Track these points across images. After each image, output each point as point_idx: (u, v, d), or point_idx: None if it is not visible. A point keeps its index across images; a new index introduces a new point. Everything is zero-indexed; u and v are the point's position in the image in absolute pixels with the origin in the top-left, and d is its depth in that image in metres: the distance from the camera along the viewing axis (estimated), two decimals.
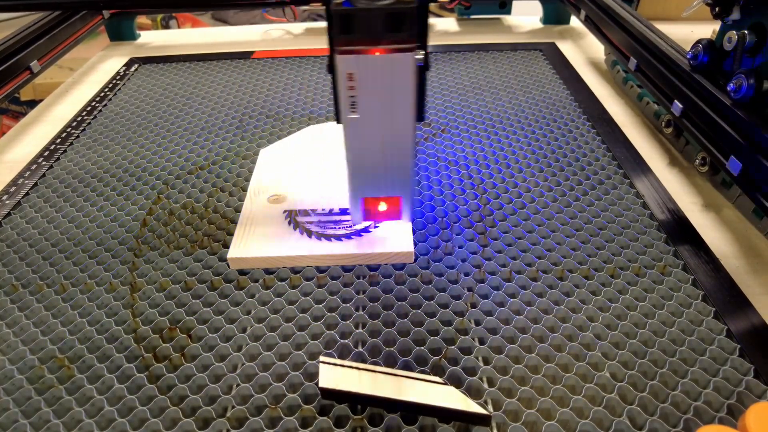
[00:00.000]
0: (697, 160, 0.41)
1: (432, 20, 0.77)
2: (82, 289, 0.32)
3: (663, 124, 0.47)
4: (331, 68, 0.27)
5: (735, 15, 0.36)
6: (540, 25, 0.74)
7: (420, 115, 0.29)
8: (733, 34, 0.36)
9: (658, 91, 0.45)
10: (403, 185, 0.31)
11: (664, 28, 0.48)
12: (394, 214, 0.33)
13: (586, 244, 0.35)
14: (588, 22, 0.60)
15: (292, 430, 0.25)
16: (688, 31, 0.41)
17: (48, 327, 0.30)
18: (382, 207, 0.33)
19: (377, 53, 0.25)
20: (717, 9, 0.37)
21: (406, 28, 0.24)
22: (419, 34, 0.26)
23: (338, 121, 0.29)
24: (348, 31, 0.24)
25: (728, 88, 0.36)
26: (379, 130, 0.28)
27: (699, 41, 0.39)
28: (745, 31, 0.35)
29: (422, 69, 0.27)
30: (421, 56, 0.27)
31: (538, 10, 0.75)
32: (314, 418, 0.25)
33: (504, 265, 0.33)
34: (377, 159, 0.30)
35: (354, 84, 0.26)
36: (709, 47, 0.39)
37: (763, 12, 0.34)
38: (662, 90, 0.44)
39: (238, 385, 0.27)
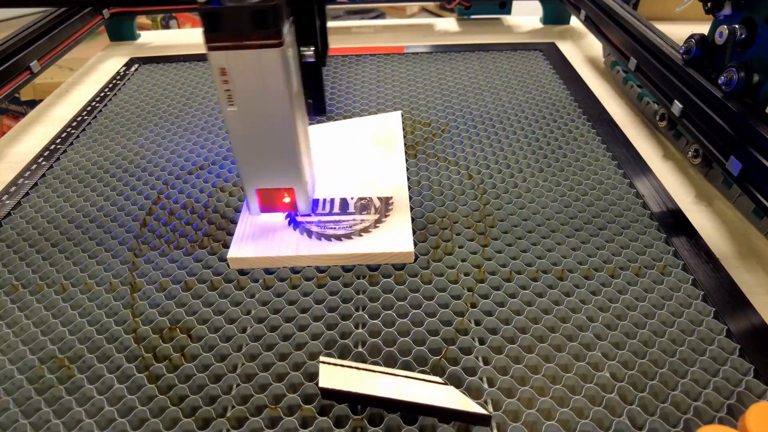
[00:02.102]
0: (690, 153, 0.42)
1: (432, 20, 0.77)
2: (82, 289, 0.32)
3: (657, 117, 0.47)
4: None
5: (726, 10, 0.37)
6: (540, 25, 0.74)
7: (320, 110, 0.31)
8: (725, 29, 0.37)
9: (658, 91, 0.45)
10: (294, 176, 0.32)
11: (664, 28, 0.48)
12: (291, 206, 0.34)
13: (586, 244, 0.35)
14: (588, 22, 0.60)
15: (292, 430, 0.25)
16: (688, 31, 0.41)
17: (48, 327, 0.30)
18: (286, 199, 0.34)
19: (245, 49, 0.27)
20: (709, 4, 0.38)
21: (271, 24, 0.26)
22: (307, 32, 0.27)
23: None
24: (217, 28, 0.26)
25: (720, 82, 0.36)
26: (258, 122, 0.30)
27: (692, 36, 0.40)
28: (736, 26, 0.36)
29: (315, 65, 0.28)
30: (311, 52, 0.29)
31: (538, 10, 0.75)
32: (314, 418, 0.25)
33: (504, 265, 0.33)
34: (262, 151, 0.31)
35: (227, 78, 0.28)
36: (702, 42, 0.39)
37: (754, 7, 0.35)
38: (662, 90, 0.44)
39: (238, 385, 0.27)
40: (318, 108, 0.31)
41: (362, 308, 0.31)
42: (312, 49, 0.28)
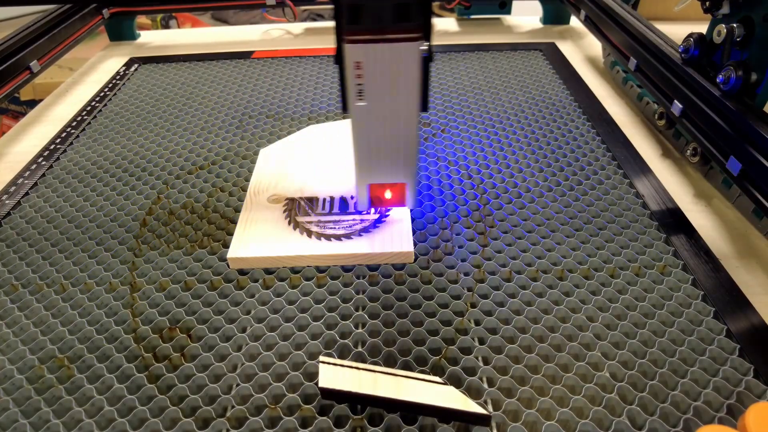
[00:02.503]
0: (688, 151, 0.42)
1: (432, 20, 0.77)
2: (82, 289, 0.32)
3: (656, 116, 0.47)
4: (338, 59, 0.28)
5: (725, 9, 0.37)
6: (540, 25, 0.74)
7: (424, 106, 0.30)
8: (722, 28, 0.37)
9: (658, 91, 0.45)
10: (408, 172, 0.32)
11: (664, 28, 0.48)
12: (399, 201, 0.34)
13: (586, 244, 0.35)
14: (588, 22, 0.60)
15: (292, 430, 0.25)
16: (688, 31, 0.41)
17: (48, 327, 0.30)
18: (388, 194, 0.34)
19: (384, 42, 0.26)
20: (707, 3, 0.38)
21: (413, 17, 0.25)
22: (424, 25, 0.26)
23: (344, 109, 0.30)
24: (356, 21, 0.25)
25: (718, 80, 0.37)
26: (385, 117, 0.29)
27: (690, 35, 0.40)
28: (734, 25, 0.36)
29: (426, 60, 0.28)
30: (426, 47, 0.27)
31: (538, 10, 0.75)
32: (314, 418, 0.25)
33: (504, 265, 0.33)
34: (383, 146, 0.31)
35: (361, 72, 0.27)
36: (700, 41, 0.39)
37: (752, 6, 0.35)
38: (661, 90, 0.44)
39: (237, 385, 0.27)
40: (424, 104, 0.30)
41: (362, 308, 0.31)
42: (428, 44, 0.27)
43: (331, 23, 0.27)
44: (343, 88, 0.29)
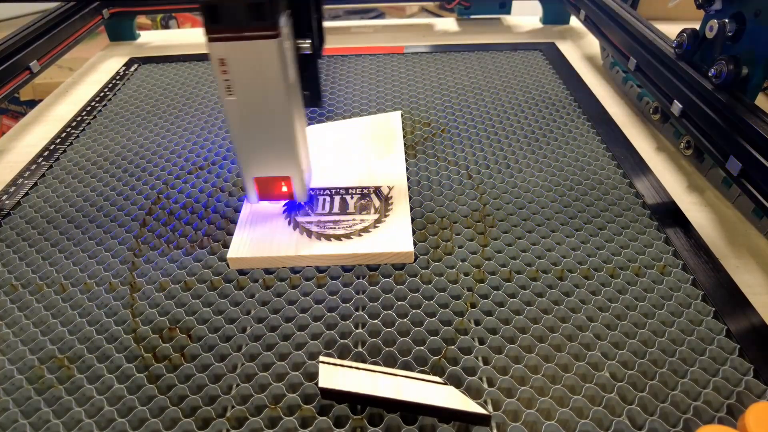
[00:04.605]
0: (682, 144, 0.42)
1: (432, 20, 0.77)
2: (82, 289, 0.32)
3: (651, 111, 0.47)
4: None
5: (717, 5, 0.38)
6: (540, 25, 0.74)
7: (315, 100, 0.32)
8: (715, 23, 0.38)
9: (657, 90, 0.45)
10: (291, 165, 0.33)
11: (664, 28, 0.48)
12: (288, 194, 0.35)
13: (586, 243, 0.35)
14: (588, 22, 0.60)
15: (292, 430, 0.25)
16: None
17: (48, 327, 0.30)
18: (284, 188, 0.35)
19: (243, 40, 0.28)
20: (700, 0, 0.39)
21: (268, 16, 0.27)
22: (303, 25, 0.29)
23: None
24: (216, 20, 0.27)
25: (710, 74, 0.38)
26: (257, 111, 0.31)
27: (684, 30, 0.41)
28: (726, 20, 0.37)
29: (311, 57, 0.30)
30: (307, 45, 0.30)
31: (538, 10, 0.75)
32: (314, 418, 0.25)
33: (504, 265, 0.33)
34: (260, 139, 0.32)
35: (226, 68, 0.29)
36: (693, 36, 0.40)
37: (744, 2, 0.36)
38: (661, 89, 0.44)
39: (237, 385, 0.27)
40: (314, 99, 0.32)
41: (362, 308, 0.31)
42: (308, 41, 0.29)
43: (330, 23, 0.28)
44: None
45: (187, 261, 0.34)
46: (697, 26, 0.41)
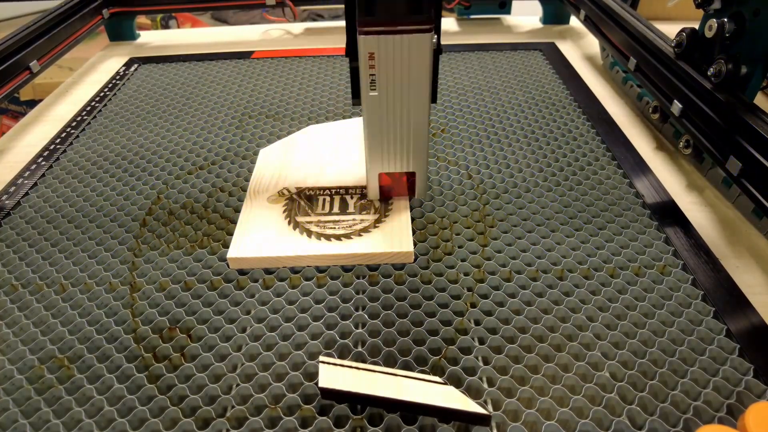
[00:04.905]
0: (681, 143, 0.42)
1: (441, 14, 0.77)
2: (82, 289, 0.32)
3: (650, 110, 0.47)
4: (349, 51, 0.30)
5: (716, 5, 0.38)
6: (540, 25, 0.74)
7: (434, 97, 0.31)
8: (714, 23, 0.38)
9: (657, 90, 0.45)
10: (418, 162, 0.33)
11: (664, 28, 0.48)
12: (408, 190, 0.35)
13: (586, 243, 0.35)
14: (588, 22, 0.60)
15: (292, 430, 0.25)
16: None
17: (48, 327, 0.30)
18: (407, 184, 0.35)
19: (397, 34, 0.27)
20: None
21: (426, 10, 0.27)
22: (435, 18, 0.28)
23: (354, 99, 0.31)
24: (371, 12, 0.27)
25: (709, 73, 0.38)
26: (396, 107, 0.30)
27: (683, 30, 0.41)
28: (725, 20, 0.37)
29: (436, 52, 0.29)
30: (435, 40, 0.29)
31: (538, 10, 0.75)
32: (314, 418, 0.25)
33: (504, 265, 0.33)
34: (394, 135, 0.32)
35: (374, 63, 0.28)
36: (692, 36, 0.40)
37: (743, 1, 0.36)
38: (661, 89, 0.44)
39: (237, 385, 0.27)
40: (434, 96, 0.31)
41: (362, 308, 0.31)
42: (437, 36, 0.29)
43: (331, 23, 0.27)
44: (354, 79, 0.30)
45: (186, 261, 0.34)
46: (697, 26, 0.41)
